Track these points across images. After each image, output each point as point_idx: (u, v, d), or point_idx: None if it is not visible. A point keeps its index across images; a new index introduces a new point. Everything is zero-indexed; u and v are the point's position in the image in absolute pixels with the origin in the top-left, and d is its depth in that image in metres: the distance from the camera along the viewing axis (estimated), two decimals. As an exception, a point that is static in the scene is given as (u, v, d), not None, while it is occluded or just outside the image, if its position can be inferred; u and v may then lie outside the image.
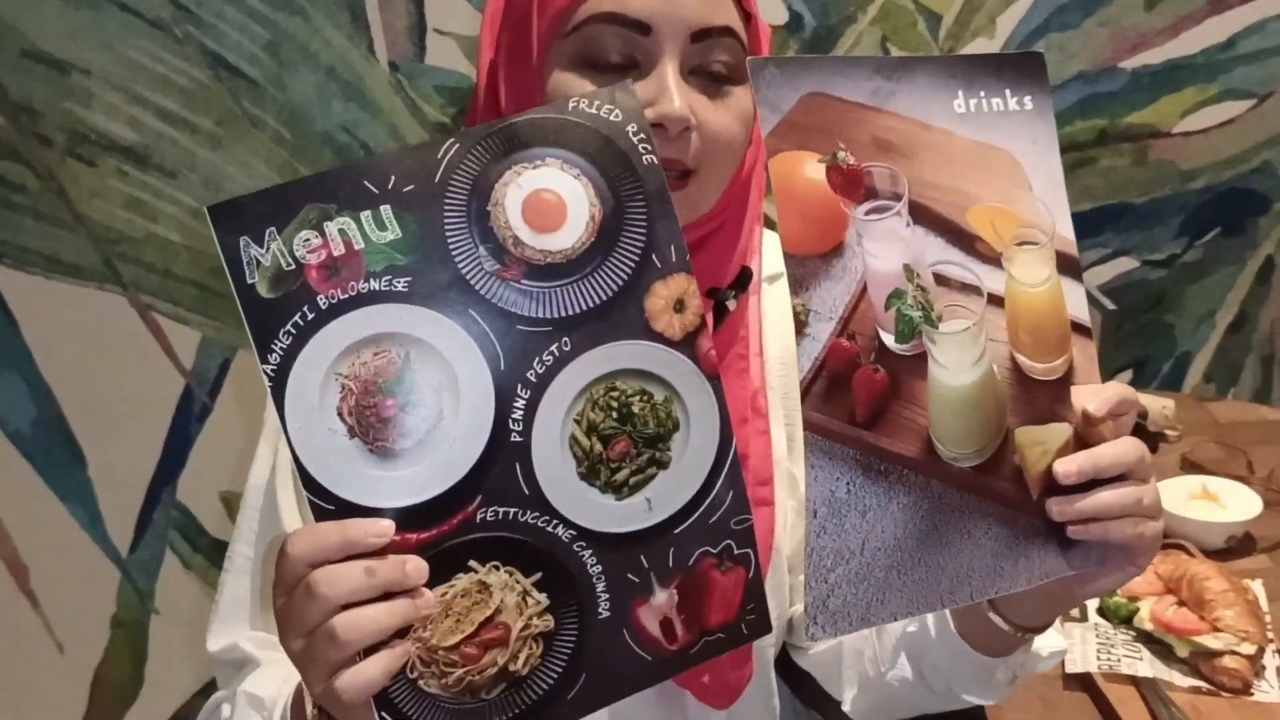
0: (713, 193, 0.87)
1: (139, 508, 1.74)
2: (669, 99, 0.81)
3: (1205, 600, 1.10)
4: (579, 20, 0.82)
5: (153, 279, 1.63)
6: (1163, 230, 1.85)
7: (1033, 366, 0.75)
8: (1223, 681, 1.06)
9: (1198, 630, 1.09)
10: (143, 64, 1.55)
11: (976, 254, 0.74)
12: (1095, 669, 1.07)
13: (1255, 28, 1.76)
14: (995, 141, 0.75)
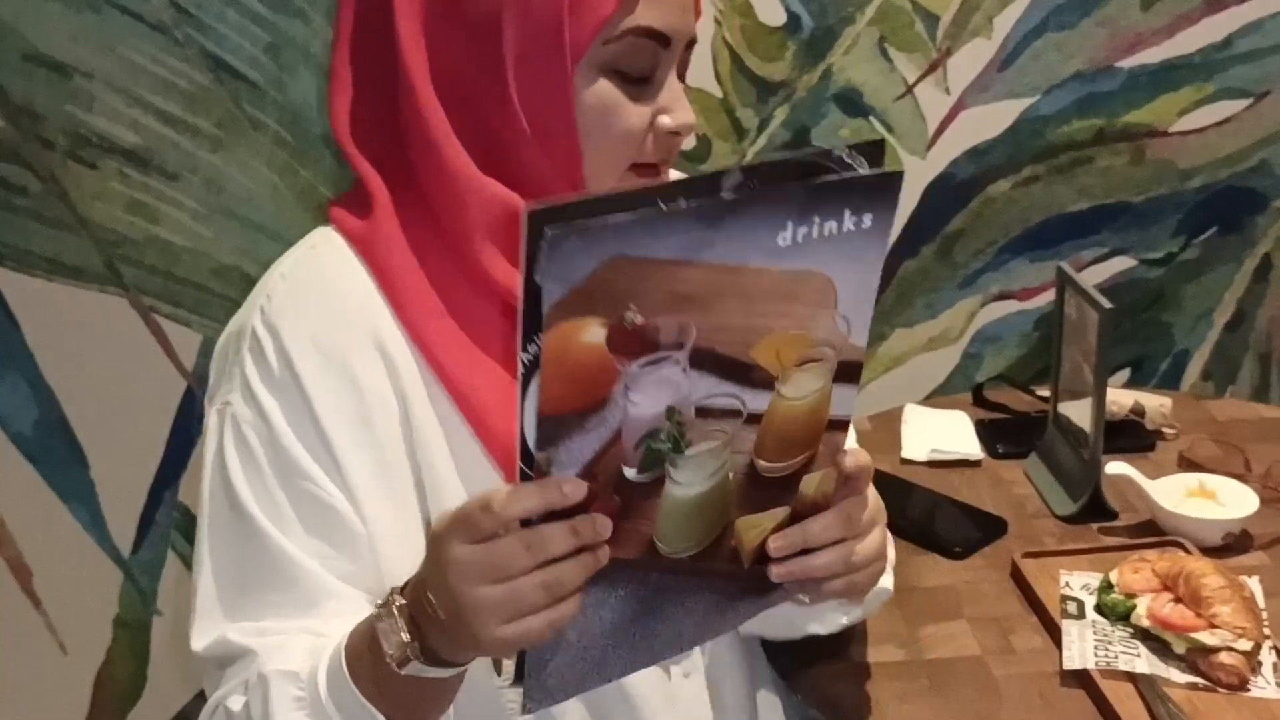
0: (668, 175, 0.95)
1: (141, 509, 1.75)
2: (685, 109, 0.89)
3: (1202, 597, 1.10)
4: (622, 30, 0.86)
5: (154, 281, 1.64)
6: (1160, 229, 1.86)
7: (768, 467, 0.79)
8: (1219, 678, 1.06)
9: (1194, 627, 1.09)
10: (144, 67, 1.56)
11: (751, 382, 0.75)
12: (1092, 666, 1.08)
13: (1252, 27, 1.77)
14: (816, 266, 0.72)
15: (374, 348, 0.88)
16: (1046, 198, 1.82)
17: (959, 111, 1.76)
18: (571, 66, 0.86)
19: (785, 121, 1.73)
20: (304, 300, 0.88)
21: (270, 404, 0.86)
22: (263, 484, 0.86)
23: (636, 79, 0.88)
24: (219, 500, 0.87)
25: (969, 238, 1.83)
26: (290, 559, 0.85)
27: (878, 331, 1.85)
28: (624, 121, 0.88)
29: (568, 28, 0.85)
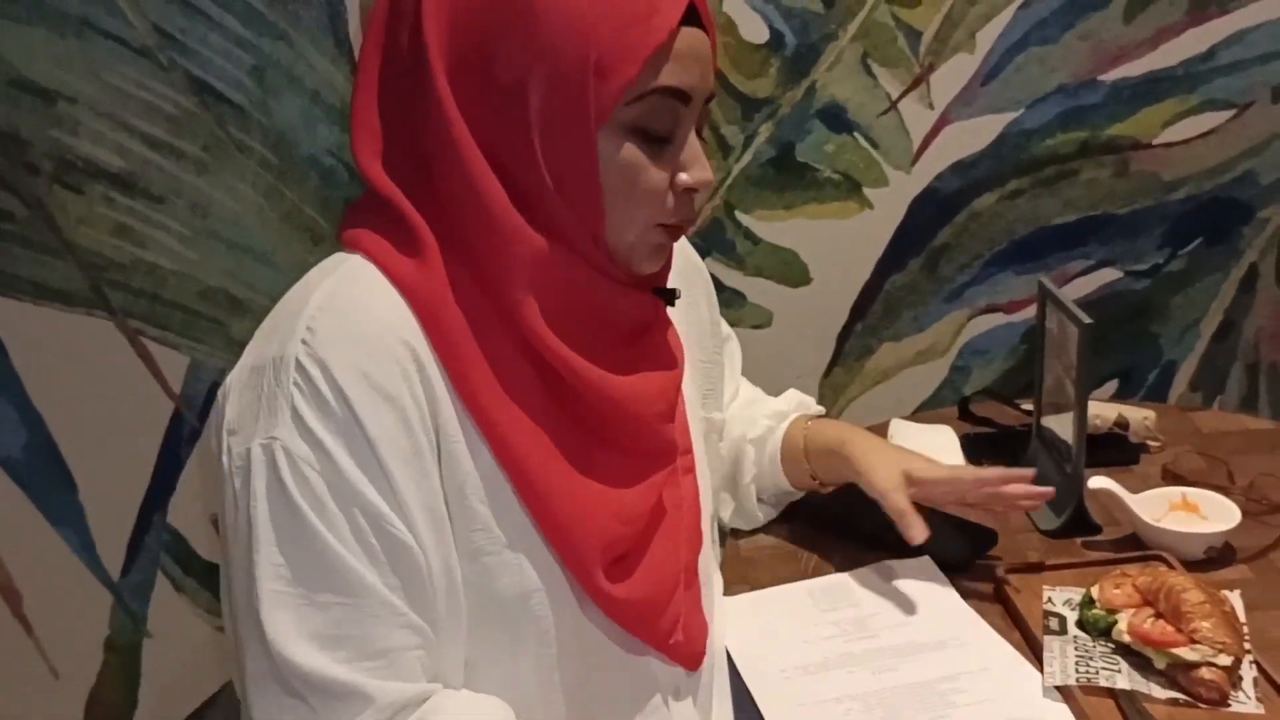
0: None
1: (130, 531, 1.75)
2: (703, 167, 0.91)
3: (1182, 612, 1.10)
4: (643, 91, 0.87)
5: (141, 304, 1.65)
6: (1146, 241, 1.86)
7: None
8: (1200, 693, 1.06)
9: (1175, 642, 1.09)
10: (128, 91, 1.56)
11: None
12: (1074, 682, 1.08)
13: (1234, 39, 1.78)
14: None
15: (419, 385, 0.87)
16: (1032, 211, 1.82)
17: (943, 126, 1.77)
18: (596, 128, 0.87)
19: (770, 138, 1.74)
20: (352, 334, 0.86)
21: (331, 441, 0.84)
22: (331, 521, 0.84)
23: (658, 138, 0.89)
24: (287, 537, 0.84)
25: (955, 251, 1.83)
26: (368, 588, 0.84)
27: (865, 345, 1.86)
28: (647, 182, 0.89)
29: (593, 91, 0.86)
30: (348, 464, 0.84)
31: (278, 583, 0.84)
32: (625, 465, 0.97)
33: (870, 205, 1.79)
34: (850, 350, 1.86)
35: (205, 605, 1.80)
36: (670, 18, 0.86)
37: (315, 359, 0.84)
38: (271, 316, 0.91)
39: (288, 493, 0.83)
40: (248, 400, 0.86)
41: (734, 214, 1.76)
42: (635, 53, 0.85)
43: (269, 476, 0.84)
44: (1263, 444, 1.54)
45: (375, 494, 0.85)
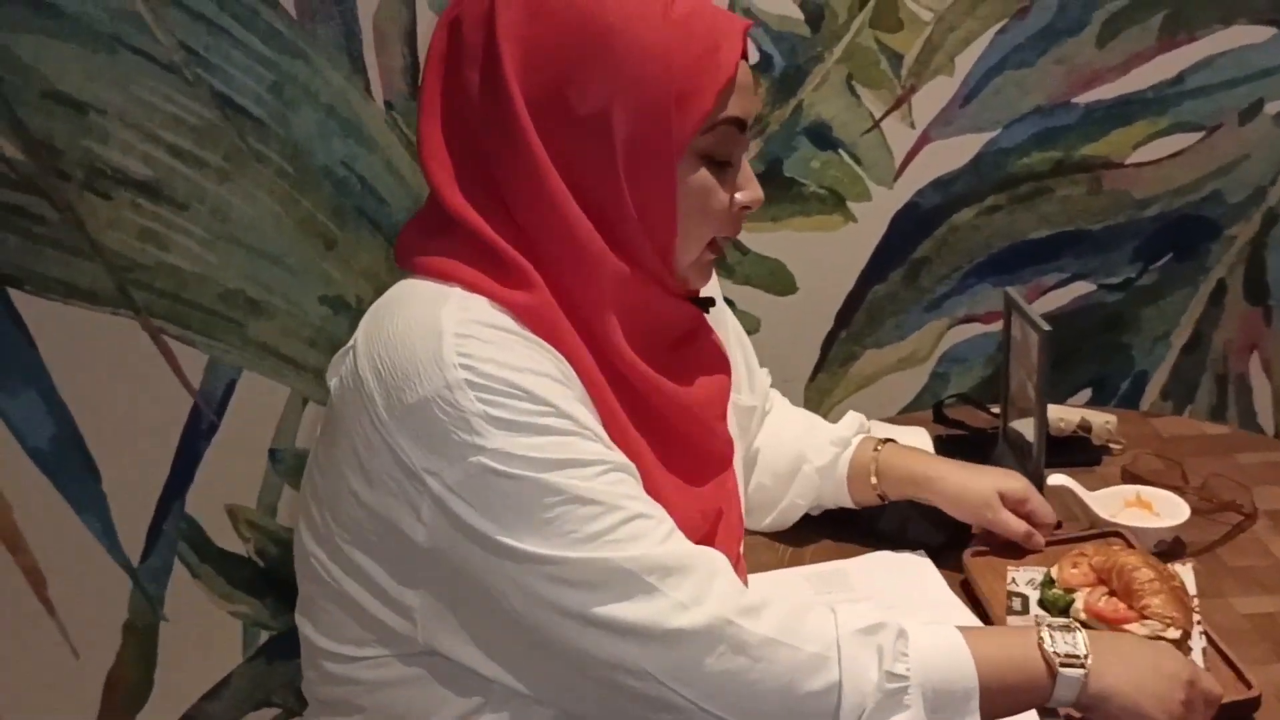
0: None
1: (150, 519, 1.82)
2: (756, 186, 1.05)
3: (1133, 590, 1.16)
4: (716, 121, 0.97)
5: (163, 304, 1.73)
6: (1118, 255, 1.94)
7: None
8: None
9: (1126, 619, 1.15)
10: (155, 104, 1.65)
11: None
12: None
13: (1202, 64, 1.87)
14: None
15: (564, 368, 0.95)
16: (1008, 226, 1.91)
17: (924, 144, 1.86)
18: (677, 156, 0.96)
19: (759, 154, 1.83)
20: (503, 349, 0.91)
21: (529, 418, 0.90)
22: (564, 467, 0.90)
23: (722, 163, 1.00)
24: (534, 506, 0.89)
25: (935, 264, 1.92)
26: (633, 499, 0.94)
27: (849, 352, 1.94)
28: (717, 203, 1.00)
29: (674, 121, 0.94)
30: (556, 426, 0.90)
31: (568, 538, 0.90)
32: (696, 466, 1.07)
33: (854, 219, 1.87)
34: (835, 356, 1.95)
35: (220, 591, 1.87)
36: (735, 51, 0.96)
37: (482, 374, 0.89)
38: (381, 345, 0.93)
39: (523, 477, 0.89)
40: (423, 433, 0.90)
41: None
42: (710, 85, 0.95)
43: (501, 476, 0.89)
44: (1218, 447, 1.63)
45: (594, 443, 0.93)
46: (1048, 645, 1.00)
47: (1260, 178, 1.93)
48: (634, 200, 0.95)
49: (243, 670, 1.91)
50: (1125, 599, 1.18)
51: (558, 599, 0.90)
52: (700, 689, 0.90)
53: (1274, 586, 1.35)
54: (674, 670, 0.90)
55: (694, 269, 1.03)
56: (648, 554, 0.90)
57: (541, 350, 0.94)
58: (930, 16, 1.79)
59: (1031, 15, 1.81)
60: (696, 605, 0.90)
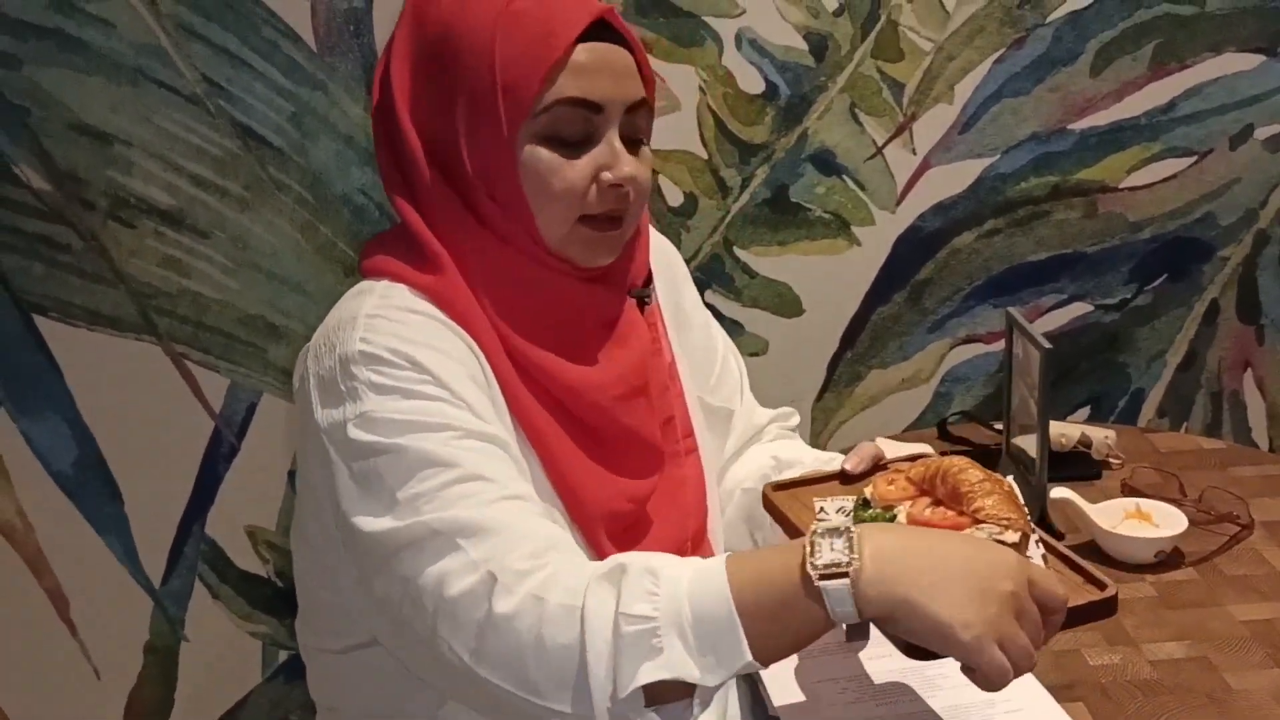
0: (634, 226, 1.10)
1: (171, 541, 1.85)
2: (622, 164, 1.03)
3: (962, 493, 1.02)
4: (547, 103, 1.01)
5: (185, 330, 1.77)
6: (1114, 276, 1.99)
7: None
8: None
9: (959, 525, 1.00)
10: (178, 135, 1.69)
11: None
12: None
13: (1193, 91, 1.91)
14: None
15: (466, 348, 1.01)
16: (1007, 248, 1.95)
17: (925, 170, 1.90)
18: (510, 137, 1.01)
19: (765, 180, 1.87)
20: (404, 327, 0.98)
21: (408, 384, 0.95)
22: (431, 430, 0.93)
23: (573, 142, 1.02)
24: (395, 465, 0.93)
25: (937, 286, 1.96)
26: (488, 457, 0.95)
27: (854, 372, 1.99)
28: (561, 180, 1.02)
29: (502, 107, 1.00)
30: (433, 393, 0.95)
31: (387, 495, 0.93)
32: (616, 452, 1.08)
33: (858, 242, 1.92)
34: (840, 377, 1.99)
35: (239, 612, 1.90)
36: (565, 37, 1.00)
37: (376, 346, 0.97)
38: (317, 337, 1.03)
39: (383, 442, 0.93)
40: (330, 400, 0.98)
41: (732, 250, 1.89)
42: (534, 70, 0.99)
43: (366, 442, 0.94)
44: (1214, 461, 1.67)
45: (465, 412, 0.96)
46: (810, 556, 0.84)
47: (1251, 200, 1.98)
48: (484, 183, 1.02)
49: (262, 690, 1.94)
50: (954, 504, 1.02)
51: (385, 565, 0.93)
52: (470, 649, 0.89)
53: (1271, 594, 1.39)
54: (450, 631, 0.90)
55: (573, 247, 1.04)
56: (462, 515, 0.91)
57: (446, 330, 1.01)
58: (930, 47, 1.84)
59: (1027, 45, 1.86)
60: (482, 565, 0.89)
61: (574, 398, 1.06)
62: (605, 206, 1.04)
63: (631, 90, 1.04)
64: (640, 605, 0.85)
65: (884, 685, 1.22)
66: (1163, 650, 1.30)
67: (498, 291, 1.04)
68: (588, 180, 1.03)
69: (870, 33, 1.82)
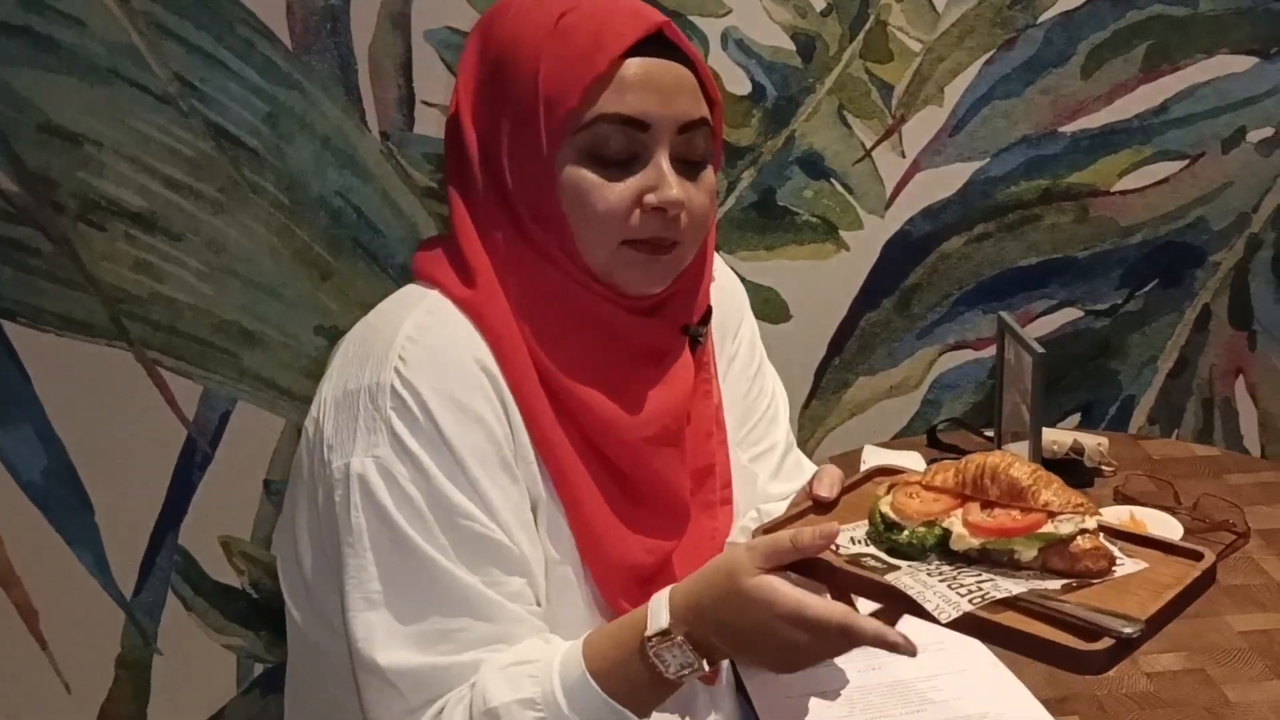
0: (690, 255, 1.04)
1: (143, 553, 1.82)
2: (668, 187, 0.97)
3: (1022, 488, 0.92)
4: (588, 119, 0.96)
5: (158, 335, 1.73)
6: (1105, 282, 1.97)
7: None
8: (1087, 566, 0.90)
9: (1037, 523, 0.90)
10: (151, 136, 1.66)
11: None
12: (970, 606, 0.87)
13: (1185, 94, 1.90)
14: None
15: (500, 406, 0.98)
16: (997, 253, 1.93)
17: (914, 173, 1.88)
18: (550, 155, 0.96)
19: (752, 183, 1.85)
20: (439, 362, 0.96)
21: (423, 456, 0.93)
22: (427, 528, 0.93)
23: (617, 161, 0.97)
24: (383, 545, 0.94)
25: (926, 291, 1.94)
26: (469, 590, 0.94)
27: (842, 379, 1.96)
28: (602, 202, 0.97)
29: (543, 122, 0.96)
30: (441, 478, 0.94)
31: (368, 590, 0.94)
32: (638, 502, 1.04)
33: (846, 247, 1.89)
34: (828, 384, 1.96)
35: (214, 624, 1.87)
36: (611, 50, 0.95)
37: (409, 385, 0.94)
38: (359, 343, 1.01)
39: (386, 508, 0.94)
40: (344, 420, 0.97)
41: (719, 254, 1.86)
42: (575, 85, 0.95)
43: (369, 491, 0.94)
44: (1208, 469, 1.64)
45: (468, 502, 0.95)
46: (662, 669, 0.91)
47: (1243, 204, 1.96)
48: (524, 204, 0.99)
49: (237, 704, 1.90)
50: (1014, 502, 0.93)
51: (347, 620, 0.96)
52: None
53: (1269, 604, 1.36)
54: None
55: (616, 273, 0.99)
56: (396, 661, 0.94)
57: (481, 378, 0.97)
58: (919, 48, 1.82)
59: (1018, 47, 1.84)
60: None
61: (606, 435, 1.02)
62: (649, 232, 0.98)
63: (685, 109, 0.98)
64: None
65: (874, 699, 1.19)
66: (1159, 662, 1.27)
67: (537, 313, 1.00)
68: (630, 203, 0.97)
69: (859, 33, 1.79)
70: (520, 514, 0.98)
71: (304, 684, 1.14)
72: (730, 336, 1.23)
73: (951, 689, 1.19)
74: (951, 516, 0.94)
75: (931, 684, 1.20)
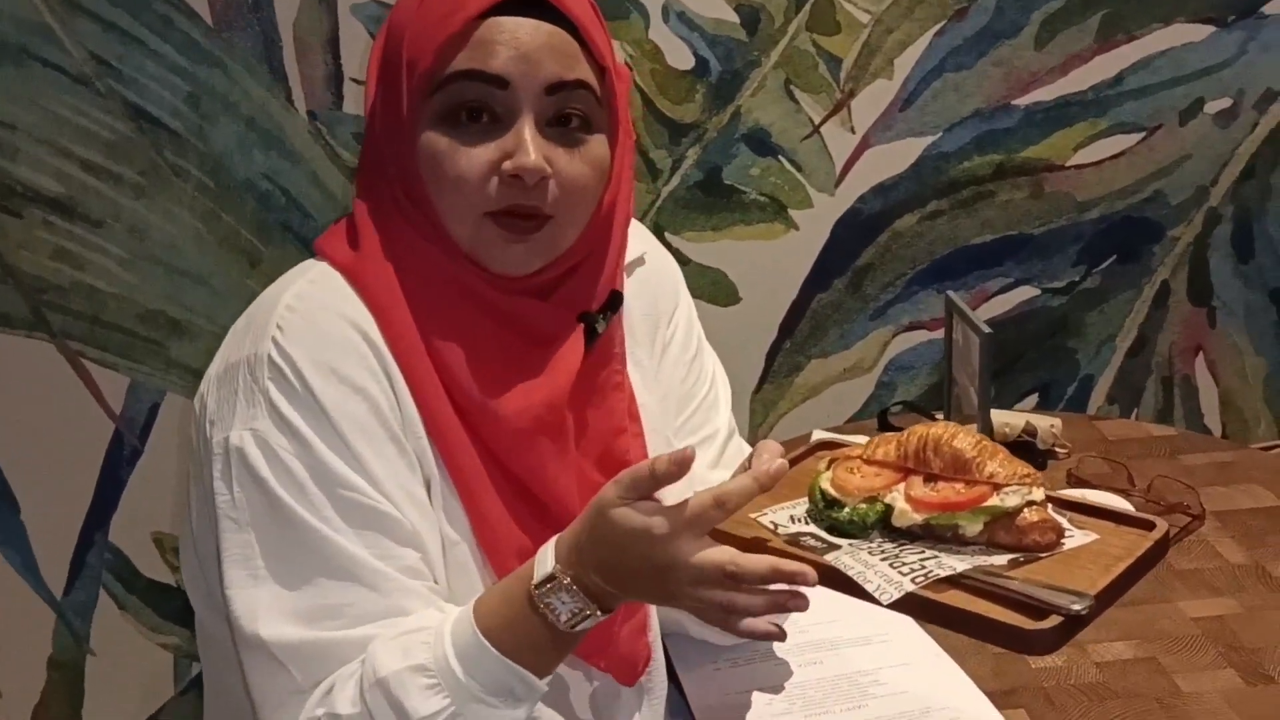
0: (570, 233, 0.97)
1: (72, 551, 1.77)
2: (525, 152, 0.92)
3: (966, 459, 0.89)
4: (442, 79, 0.92)
5: (81, 326, 1.68)
6: (1061, 259, 1.93)
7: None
8: (1035, 541, 0.87)
9: (981, 497, 0.88)
10: (66, 118, 1.60)
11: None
12: (912, 586, 0.84)
13: (1141, 64, 1.85)
14: None
15: (385, 378, 0.94)
16: (951, 231, 1.89)
17: (864, 150, 1.83)
18: (410, 119, 0.93)
19: (697, 162, 1.80)
20: (318, 331, 0.93)
21: (302, 426, 0.91)
22: (308, 498, 0.90)
23: (474, 125, 0.92)
24: (263, 520, 0.91)
25: (878, 271, 1.89)
26: (356, 561, 0.90)
27: (794, 362, 1.91)
28: (454, 167, 0.92)
29: (404, 85, 0.93)
30: (322, 448, 0.91)
31: (251, 566, 0.91)
32: (521, 484, 0.99)
33: (795, 226, 1.85)
34: (779, 367, 1.91)
35: (149, 623, 1.81)
36: (469, 9, 0.91)
37: (285, 355, 0.91)
38: (245, 316, 0.98)
39: (265, 480, 0.90)
40: (225, 394, 0.94)
41: (663, 235, 1.81)
42: (430, 44, 0.92)
43: (248, 464, 0.91)
44: (1163, 449, 1.61)
45: (352, 473, 0.91)
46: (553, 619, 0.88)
47: (1201, 178, 1.92)
48: (399, 176, 0.96)
49: (175, 704, 1.86)
50: (959, 475, 0.90)
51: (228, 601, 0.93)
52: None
53: (1223, 589, 1.32)
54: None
55: (480, 248, 0.94)
56: (281, 635, 0.90)
57: (364, 347, 0.94)
58: (868, 19, 1.76)
59: (969, 17, 1.79)
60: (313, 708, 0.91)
61: (482, 420, 0.97)
62: (507, 200, 0.92)
63: (553, 68, 0.92)
64: (429, 704, 0.87)
65: (814, 694, 1.15)
66: (1109, 651, 1.23)
67: (421, 292, 0.96)
68: (485, 169, 0.92)
69: (805, 4, 1.74)
70: (409, 488, 0.94)
71: (215, 682, 1.10)
72: (664, 321, 1.18)
73: (895, 683, 1.16)
74: (894, 491, 0.91)
75: (874, 678, 1.17)
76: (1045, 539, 0.88)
